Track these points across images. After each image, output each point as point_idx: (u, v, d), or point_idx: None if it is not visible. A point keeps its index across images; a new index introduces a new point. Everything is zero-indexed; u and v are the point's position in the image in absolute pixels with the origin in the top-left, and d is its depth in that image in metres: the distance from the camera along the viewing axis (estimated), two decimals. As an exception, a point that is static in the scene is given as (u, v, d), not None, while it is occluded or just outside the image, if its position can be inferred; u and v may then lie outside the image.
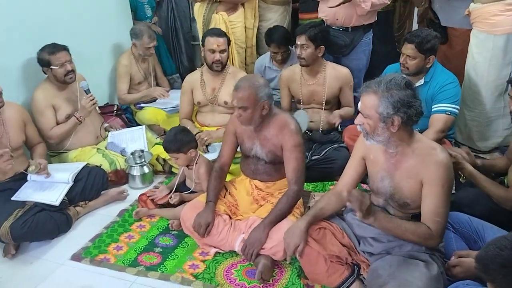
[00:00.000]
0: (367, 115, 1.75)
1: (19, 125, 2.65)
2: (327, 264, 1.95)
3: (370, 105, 1.72)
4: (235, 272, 2.22)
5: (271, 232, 2.16)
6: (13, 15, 2.90)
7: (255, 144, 2.36)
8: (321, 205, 2.06)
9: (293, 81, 3.11)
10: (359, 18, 3.23)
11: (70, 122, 2.98)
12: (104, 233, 2.56)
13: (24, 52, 2.97)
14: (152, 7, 4.27)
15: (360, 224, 1.98)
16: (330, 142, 3.03)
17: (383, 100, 1.69)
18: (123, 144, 3.27)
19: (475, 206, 2.13)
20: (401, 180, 1.84)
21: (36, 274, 2.28)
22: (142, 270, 2.25)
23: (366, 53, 3.41)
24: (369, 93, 1.74)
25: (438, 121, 2.65)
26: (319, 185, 2.91)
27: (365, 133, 1.79)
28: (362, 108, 1.77)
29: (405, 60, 2.65)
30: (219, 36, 3.03)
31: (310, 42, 2.90)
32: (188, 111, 3.30)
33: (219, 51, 3.02)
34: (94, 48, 3.62)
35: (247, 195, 2.43)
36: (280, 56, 3.57)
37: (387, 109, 1.69)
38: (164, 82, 4.12)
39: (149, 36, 3.66)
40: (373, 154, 1.93)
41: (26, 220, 2.35)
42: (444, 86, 2.66)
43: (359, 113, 1.80)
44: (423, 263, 1.76)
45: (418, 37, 2.58)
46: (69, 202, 2.64)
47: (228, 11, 3.66)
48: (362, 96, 1.77)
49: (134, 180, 3.04)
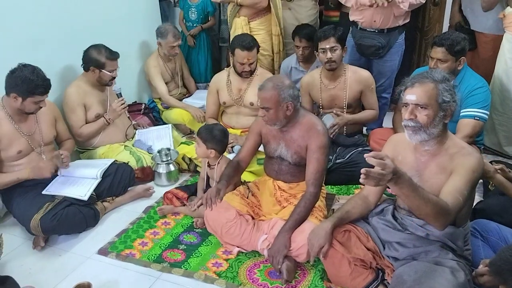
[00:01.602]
0: (426, 105, 1.71)
1: (51, 121, 2.73)
2: (351, 267, 1.95)
3: (429, 95, 1.71)
4: (257, 272, 2.22)
5: (294, 235, 2.17)
6: (47, 14, 2.98)
7: (280, 145, 2.36)
8: (347, 208, 2.05)
9: (313, 87, 3.07)
10: (395, 19, 3.20)
11: (99, 123, 3.04)
12: (130, 229, 2.61)
13: (55, 49, 3.04)
14: (199, 11, 4.17)
15: (385, 228, 1.96)
16: (354, 145, 3.00)
17: (442, 89, 1.71)
18: (150, 142, 3.32)
19: (504, 214, 2.09)
20: (430, 178, 1.81)
21: (64, 266, 2.33)
22: (167, 266, 2.28)
23: (399, 54, 3.38)
24: (426, 83, 1.73)
25: (466, 126, 2.60)
26: (343, 188, 2.90)
27: (418, 127, 1.73)
28: (419, 100, 1.72)
29: (435, 64, 2.60)
30: (249, 49, 3.00)
31: (338, 44, 2.87)
32: (214, 110, 3.33)
33: (249, 63, 3.04)
34: (123, 47, 3.63)
35: (270, 196, 2.44)
36: (301, 51, 3.53)
37: (446, 97, 1.71)
38: (190, 82, 4.16)
39: (173, 35, 3.68)
40: (402, 155, 1.91)
41: (56, 213, 2.41)
42: (474, 90, 2.61)
43: (406, 108, 1.75)
44: (450, 269, 1.73)
45: (447, 40, 2.54)
46: (97, 197, 2.70)
47: (251, 16, 3.59)
48: (416, 88, 1.73)
49: (160, 178, 3.09)
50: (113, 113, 3.05)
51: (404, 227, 1.93)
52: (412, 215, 1.92)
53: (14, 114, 2.50)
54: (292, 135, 2.32)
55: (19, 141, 2.52)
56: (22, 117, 2.53)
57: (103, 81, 3.00)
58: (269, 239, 2.25)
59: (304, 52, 3.54)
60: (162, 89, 3.77)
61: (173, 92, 3.94)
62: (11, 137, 2.49)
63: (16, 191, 2.52)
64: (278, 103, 2.21)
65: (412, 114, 1.73)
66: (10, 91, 2.41)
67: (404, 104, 1.77)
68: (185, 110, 3.72)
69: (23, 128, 2.55)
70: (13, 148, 2.50)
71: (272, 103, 2.21)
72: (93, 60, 2.93)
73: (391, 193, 2.64)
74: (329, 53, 2.86)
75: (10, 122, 2.50)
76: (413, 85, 1.74)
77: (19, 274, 2.15)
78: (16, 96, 2.40)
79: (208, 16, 4.24)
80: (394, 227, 1.95)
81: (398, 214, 1.99)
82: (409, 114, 1.73)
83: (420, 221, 1.88)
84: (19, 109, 2.46)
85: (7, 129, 2.48)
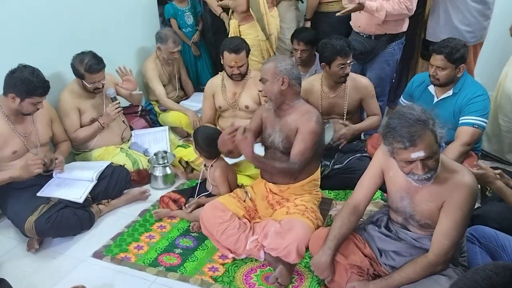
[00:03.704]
0: (434, 153, 1.65)
1: (47, 122, 2.72)
2: (347, 275, 1.94)
3: (432, 143, 1.64)
4: (254, 276, 2.21)
5: (284, 233, 2.16)
6: (44, 17, 2.96)
7: (274, 130, 2.38)
8: (341, 231, 1.96)
9: (311, 94, 3.02)
10: (379, 27, 3.17)
11: (93, 127, 3.02)
12: (125, 232, 2.59)
13: (54, 51, 3.03)
14: (194, 14, 4.13)
15: (381, 237, 1.97)
16: (352, 151, 2.98)
17: (435, 129, 1.64)
18: (146, 145, 3.30)
19: (502, 221, 2.08)
20: (421, 203, 1.80)
21: (58, 269, 2.31)
22: (162, 270, 2.27)
23: (389, 64, 3.33)
24: (424, 135, 1.62)
25: (465, 134, 2.58)
26: (341, 193, 2.89)
27: (432, 174, 1.68)
28: (428, 153, 1.63)
29: (435, 71, 2.58)
30: (236, 52, 2.96)
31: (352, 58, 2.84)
32: (210, 115, 3.32)
33: (238, 66, 3.02)
34: (120, 50, 3.66)
35: (262, 199, 2.44)
36: (300, 54, 3.52)
37: (440, 133, 1.65)
38: (188, 84, 4.14)
39: (173, 41, 3.66)
40: (393, 172, 1.87)
41: (51, 215, 2.40)
42: (474, 98, 2.59)
43: (412, 164, 1.67)
44: (445, 277, 1.73)
45: (447, 47, 2.53)
46: (92, 200, 2.68)
47: (240, 20, 3.57)
48: (420, 144, 1.61)
49: (156, 181, 3.07)
50: (107, 117, 3.02)
51: (399, 235, 1.93)
52: (406, 229, 1.92)
53: (11, 114, 2.49)
54: (287, 119, 2.34)
55: (14, 142, 2.51)
56: (19, 117, 2.52)
57: (87, 90, 2.97)
58: (259, 239, 2.26)
59: (303, 55, 3.54)
60: (160, 92, 3.76)
61: (171, 95, 3.92)
62: (6, 137, 2.47)
63: (11, 192, 2.50)
64: (274, 75, 2.29)
65: (424, 168, 1.65)
66: (8, 91, 2.39)
67: (409, 161, 1.67)
68: (183, 113, 3.71)
69: (19, 128, 2.53)
70: (8, 148, 2.48)
71: (269, 74, 2.30)
72: (74, 70, 2.90)
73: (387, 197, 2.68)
74: (348, 68, 2.80)
75: (5, 122, 2.48)
76: (415, 143, 1.61)
77: (13, 277, 2.12)
78: (15, 97, 2.38)
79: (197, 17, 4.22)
80: (389, 236, 1.95)
81: (393, 226, 1.99)
82: (423, 170, 1.65)
83: (414, 234, 1.89)
84: (16, 110, 2.44)
85: (2, 129, 2.46)
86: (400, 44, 3.30)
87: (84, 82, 2.91)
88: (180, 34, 4.07)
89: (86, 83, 2.90)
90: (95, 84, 2.91)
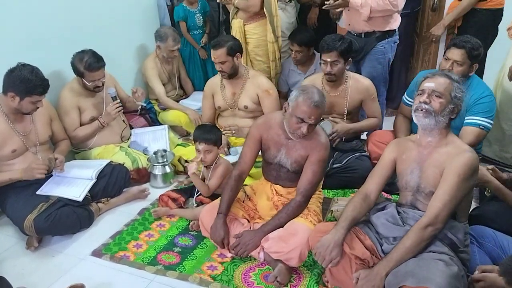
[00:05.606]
0: (442, 94, 1.89)
1: (47, 121, 2.72)
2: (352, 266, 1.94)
3: (445, 87, 1.90)
4: (253, 275, 2.21)
5: (286, 237, 2.15)
6: (44, 16, 2.97)
7: (280, 152, 2.32)
8: (353, 214, 1.98)
9: None
10: (367, 24, 3.12)
11: (93, 126, 3.03)
12: (125, 231, 2.59)
13: (54, 50, 3.03)
14: (203, 15, 4.11)
15: (385, 223, 1.97)
16: (352, 150, 2.98)
17: (456, 87, 1.90)
18: (146, 143, 3.31)
19: (500, 221, 2.09)
20: (427, 169, 1.92)
21: (57, 267, 2.32)
22: (161, 269, 2.27)
23: (381, 62, 3.25)
24: (444, 77, 1.93)
25: (470, 134, 2.52)
26: (340, 192, 2.90)
27: (430, 111, 1.88)
28: (437, 88, 1.90)
29: (451, 65, 2.52)
30: (214, 48, 2.99)
31: (341, 58, 2.78)
32: (210, 115, 3.33)
33: (218, 63, 3.02)
34: (120, 49, 3.67)
35: (267, 200, 2.42)
36: (294, 54, 3.54)
37: (458, 94, 1.91)
38: (187, 83, 4.14)
39: (173, 39, 3.66)
40: (406, 153, 2.01)
41: (50, 214, 2.40)
42: (481, 98, 2.54)
43: (421, 94, 1.92)
44: (443, 262, 1.74)
45: (468, 43, 2.48)
46: (92, 198, 2.68)
47: (246, 19, 3.51)
48: (436, 78, 1.93)
49: (156, 179, 3.07)
50: (107, 116, 3.03)
51: (406, 220, 1.95)
52: (415, 208, 1.97)
53: (10, 113, 2.49)
54: (295, 143, 2.28)
55: (14, 140, 2.51)
56: (18, 116, 2.52)
57: (87, 88, 2.97)
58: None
59: (297, 55, 3.56)
60: (159, 91, 3.76)
61: (170, 94, 3.92)
62: (6, 136, 2.48)
63: (10, 191, 2.50)
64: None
65: (428, 98, 1.89)
66: (8, 90, 2.39)
67: (420, 92, 1.94)
68: (183, 112, 3.71)
69: (19, 127, 2.53)
70: (7, 147, 2.48)
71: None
72: (74, 68, 2.90)
73: (386, 197, 2.69)
74: (329, 66, 2.80)
75: (5, 121, 2.48)
76: (434, 76, 1.94)
77: (12, 275, 2.13)
78: (14, 96, 2.38)
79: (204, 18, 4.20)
80: (394, 222, 1.95)
81: (401, 209, 2.01)
82: (426, 98, 1.90)
83: (422, 212, 1.91)
84: (16, 109, 2.45)
85: (1, 128, 2.47)
86: (391, 42, 3.23)
87: (84, 81, 2.91)
88: (188, 38, 4.08)
89: (86, 81, 2.90)
90: (95, 82, 2.91)
